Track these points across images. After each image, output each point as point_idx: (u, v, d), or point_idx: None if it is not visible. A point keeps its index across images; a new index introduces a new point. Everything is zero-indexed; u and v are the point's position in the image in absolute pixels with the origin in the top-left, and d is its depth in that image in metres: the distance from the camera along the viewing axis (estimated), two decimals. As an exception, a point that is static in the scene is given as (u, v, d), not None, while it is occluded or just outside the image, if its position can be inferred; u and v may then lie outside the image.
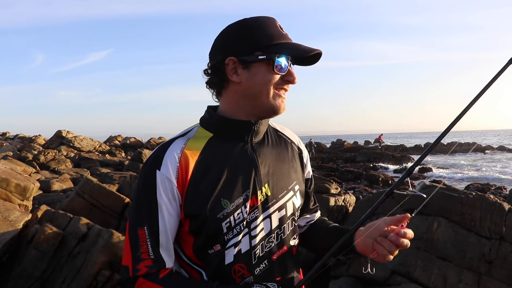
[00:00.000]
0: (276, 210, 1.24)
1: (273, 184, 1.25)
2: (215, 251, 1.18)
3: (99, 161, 20.15)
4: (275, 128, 1.39)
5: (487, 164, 27.58)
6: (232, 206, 1.16)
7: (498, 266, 4.25)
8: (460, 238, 4.46)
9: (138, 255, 1.13)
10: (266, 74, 1.17)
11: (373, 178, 19.12)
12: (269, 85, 1.18)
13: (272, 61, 1.16)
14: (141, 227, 1.14)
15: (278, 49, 1.17)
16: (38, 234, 4.13)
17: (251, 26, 1.18)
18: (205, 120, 1.28)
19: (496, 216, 4.52)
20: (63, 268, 4.06)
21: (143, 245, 1.13)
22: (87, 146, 26.95)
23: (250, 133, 1.24)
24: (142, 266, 1.12)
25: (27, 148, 23.81)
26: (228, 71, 1.19)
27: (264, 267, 1.21)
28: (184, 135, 1.25)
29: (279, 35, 1.19)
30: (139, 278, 1.11)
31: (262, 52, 1.16)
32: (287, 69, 1.19)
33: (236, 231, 1.17)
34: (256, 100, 1.20)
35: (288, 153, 1.35)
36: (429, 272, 4.30)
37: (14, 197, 4.80)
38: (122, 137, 34.62)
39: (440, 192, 4.85)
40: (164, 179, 1.14)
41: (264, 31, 1.18)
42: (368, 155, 31.71)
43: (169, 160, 1.16)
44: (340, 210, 6.14)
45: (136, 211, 1.18)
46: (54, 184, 10.46)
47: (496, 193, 14.03)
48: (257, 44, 1.17)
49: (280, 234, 1.25)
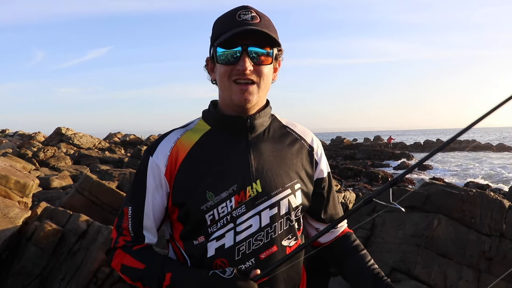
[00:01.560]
0: (267, 208, 1.21)
1: (266, 181, 1.21)
2: (199, 242, 1.19)
3: (98, 158, 20.15)
4: (284, 124, 1.35)
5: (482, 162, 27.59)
6: (216, 199, 1.16)
7: (498, 263, 4.25)
8: (460, 235, 4.45)
9: (120, 231, 1.24)
10: (219, 68, 1.18)
11: (373, 176, 19.15)
12: (223, 78, 1.18)
13: (215, 54, 1.18)
14: (126, 206, 1.25)
15: (218, 40, 1.16)
16: (38, 231, 4.13)
17: (214, 23, 1.22)
18: (206, 113, 1.31)
19: (496, 213, 4.51)
20: (62, 265, 4.05)
21: (125, 222, 1.24)
22: (87, 143, 26.93)
23: (245, 127, 1.22)
24: (121, 240, 1.24)
25: (26, 145, 23.79)
26: (209, 70, 1.26)
27: (251, 265, 1.18)
28: (184, 127, 1.29)
29: (229, 25, 1.15)
30: (117, 248, 1.24)
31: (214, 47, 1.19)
32: (240, 58, 1.14)
33: (220, 225, 1.17)
34: (223, 95, 1.23)
35: (293, 150, 1.30)
36: (429, 269, 4.30)
37: (14, 194, 4.79)
38: (122, 134, 34.61)
39: (440, 189, 4.84)
40: (154, 165, 1.21)
41: (219, 25, 1.19)
42: (368, 153, 31.73)
43: (162, 149, 1.22)
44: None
45: (128, 191, 1.29)
46: (53, 181, 10.44)
47: (496, 190, 14.04)
48: (213, 40, 1.20)
49: (270, 232, 1.21)
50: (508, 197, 6.35)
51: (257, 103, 1.22)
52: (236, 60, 1.14)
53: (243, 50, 1.14)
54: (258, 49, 1.16)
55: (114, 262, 1.23)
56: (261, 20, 1.17)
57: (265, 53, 1.17)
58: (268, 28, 1.17)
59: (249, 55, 1.15)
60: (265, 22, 1.18)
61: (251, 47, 1.15)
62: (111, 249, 1.26)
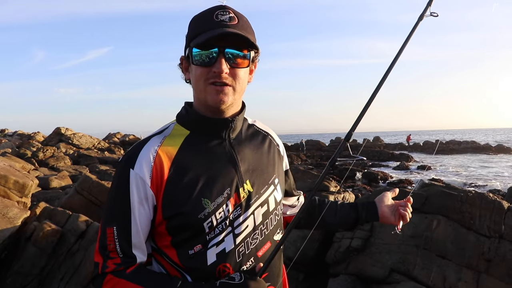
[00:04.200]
0: (259, 206, 1.22)
1: (254, 180, 1.22)
2: (195, 251, 1.15)
3: (98, 158, 20.15)
4: (250, 123, 1.35)
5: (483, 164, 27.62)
6: (213, 206, 1.14)
7: (497, 265, 4.25)
8: (459, 236, 4.46)
9: (107, 253, 1.13)
10: (195, 69, 1.15)
11: (372, 176, 19.15)
12: (199, 80, 1.15)
13: (190, 54, 1.14)
14: (109, 226, 1.14)
15: (194, 41, 1.13)
16: (37, 231, 4.13)
17: (190, 22, 1.18)
18: (182, 117, 1.25)
19: (495, 214, 4.52)
20: (61, 265, 4.05)
21: (110, 244, 1.13)
22: (86, 143, 26.93)
23: (227, 129, 1.21)
24: (110, 263, 1.13)
25: (26, 145, 23.78)
26: (183, 69, 1.22)
27: (251, 264, 1.19)
28: (160, 133, 1.22)
29: (207, 25, 1.13)
30: (107, 274, 1.13)
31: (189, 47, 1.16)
32: (216, 60, 1.12)
33: (218, 230, 1.15)
34: (198, 96, 1.19)
35: (265, 147, 1.33)
36: (428, 270, 4.30)
37: (13, 194, 4.78)
38: (121, 134, 34.61)
39: (439, 191, 4.85)
40: (137, 179, 1.12)
41: (196, 24, 1.16)
42: (367, 153, 31.76)
43: (144, 159, 1.13)
44: (339, 208, 6.15)
45: (108, 210, 1.17)
46: (53, 181, 10.44)
47: (495, 191, 14.05)
48: (189, 40, 1.16)
49: (263, 230, 1.23)
50: (507, 198, 6.36)
51: (232, 105, 1.20)
52: (212, 61, 1.12)
53: (220, 52, 1.12)
54: (235, 51, 1.14)
55: None
56: (239, 22, 1.14)
57: (242, 55, 1.15)
58: (246, 30, 1.15)
59: (225, 56, 1.13)
60: (243, 24, 1.16)
61: (228, 49, 1.12)
62: (98, 275, 1.14)
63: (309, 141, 47.29)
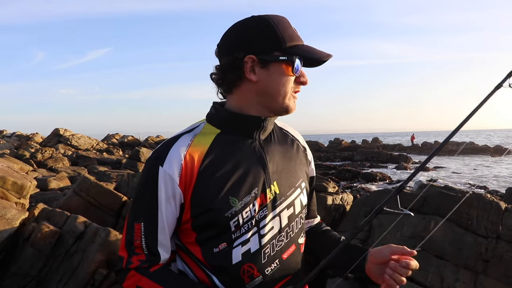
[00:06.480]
0: (285, 208, 1.23)
1: (281, 181, 1.23)
2: (220, 249, 1.15)
3: (96, 159, 20.13)
4: (279, 126, 1.37)
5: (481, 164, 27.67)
6: (240, 205, 1.14)
7: (495, 265, 4.26)
8: (457, 237, 4.47)
9: (132, 249, 1.15)
10: (284, 75, 1.17)
11: (371, 177, 19.17)
12: (287, 86, 1.18)
13: (292, 62, 1.15)
14: (137, 221, 1.16)
15: (297, 51, 1.16)
16: (35, 232, 4.13)
17: (272, 25, 1.16)
18: (212, 116, 1.25)
19: (492, 215, 4.53)
20: (60, 266, 4.05)
21: (137, 240, 1.15)
22: (85, 144, 26.91)
23: (258, 129, 1.22)
24: (135, 260, 1.14)
25: (24, 146, 23.75)
26: (246, 69, 1.16)
27: (276, 266, 1.19)
28: (190, 131, 1.22)
29: (296, 37, 1.19)
30: (131, 270, 1.15)
31: (282, 52, 1.15)
32: (300, 70, 1.19)
33: (244, 230, 1.15)
34: (273, 99, 1.19)
35: (294, 150, 1.34)
36: (426, 271, 4.31)
37: (11, 195, 4.78)
38: (120, 135, 34.57)
39: (437, 191, 4.86)
40: (166, 176, 1.12)
41: (285, 31, 1.17)
42: (366, 154, 31.78)
43: (174, 157, 1.14)
44: (337, 209, 6.15)
45: (135, 206, 1.19)
46: (51, 182, 10.43)
47: (492, 192, 14.07)
48: (278, 44, 1.15)
49: (289, 232, 1.23)
50: (505, 199, 6.38)
51: None
52: (299, 71, 1.19)
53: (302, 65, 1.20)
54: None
55: (127, 283, 1.15)
56: None
57: None
58: None
59: None
60: None
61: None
62: (122, 269, 1.16)
63: (308, 142, 47.17)
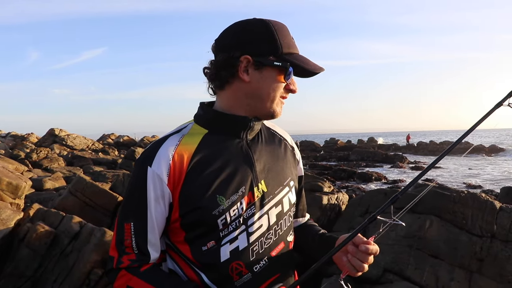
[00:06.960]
0: (273, 206, 1.25)
1: (269, 180, 1.25)
2: (208, 247, 1.17)
3: (92, 159, 20.04)
4: (267, 126, 1.39)
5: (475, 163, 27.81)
6: (227, 203, 1.16)
7: (489, 264, 4.29)
8: (452, 236, 4.50)
9: (123, 249, 1.17)
10: (276, 80, 1.20)
11: (366, 177, 19.23)
12: (277, 92, 1.21)
13: (285, 69, 1.19)
14: (127, 221, 1.17)
15: (291, 59, 1.19)
16: (30, 232, 4.11)
17: (271, 30, 1.19)
18: (200, 117, 1.27)
19: (487, 214, 4.56)
20: (55, 267, 4.04)
21: (127, 240, 1.17)
22: (80, 144, 26.80)
23: (245, 129, 1.24)
24: (125, 259, 1.16)
25: (19, 146, 23.63)
26: (240, 68, 1.18)
27: (264, 264, 1.21)
28: (178, 132, 1.24)
29: (293, 45, 1.23)
30: (121, 269, 1.16)
31: (277, 58, 1.18)
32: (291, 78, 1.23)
33: (232, 228, 1.17)
34: (261, 102, 1.22)
35: (282, 150, 1.36)
36: (421, 270, 4.33)
37: (6, 196, 4.76)
38: (115, 135, 34.45)
39: (432, 191, 4.88)
40: (154, 176, 1.14)
41: (283, 38, 1.20)
42: (362, 154, 31.87)
43: (162, 157, 1.15)
44: (333, 209, 6.17)
45: (125, 206, 1.21)
46: (46, 183, 10.39)
47: (487, 191, 14.16)
48: (275, 50, 1.18)
49: (277, 230, 1.25)
50: (499, 198, 6.42)
51: None
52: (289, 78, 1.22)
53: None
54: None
55: (118, 283, 1.17)
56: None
57: None
58: None
59: None
60: None
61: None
62: (112, 269, 1.18)
63: (303, 142, 47.40)
